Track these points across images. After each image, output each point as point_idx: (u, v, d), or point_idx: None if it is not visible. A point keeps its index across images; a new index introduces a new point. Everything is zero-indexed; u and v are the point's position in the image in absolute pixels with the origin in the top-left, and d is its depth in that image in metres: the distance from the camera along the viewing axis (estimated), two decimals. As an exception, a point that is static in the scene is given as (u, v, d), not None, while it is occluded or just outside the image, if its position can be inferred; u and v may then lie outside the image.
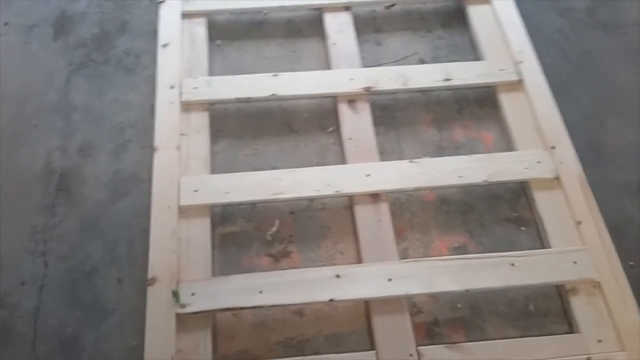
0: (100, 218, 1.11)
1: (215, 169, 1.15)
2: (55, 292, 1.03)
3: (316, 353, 0.96)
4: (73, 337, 0.98)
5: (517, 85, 1.24)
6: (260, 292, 0.97)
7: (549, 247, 1.04)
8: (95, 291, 1.03)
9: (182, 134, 1.16)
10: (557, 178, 1.10)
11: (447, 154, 1.18)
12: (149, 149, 1.15)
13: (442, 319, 1.00)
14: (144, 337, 0.93)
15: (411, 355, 0.93)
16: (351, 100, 1.22)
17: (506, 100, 1.22)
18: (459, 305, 1.01)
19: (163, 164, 1.12)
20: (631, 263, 1.06)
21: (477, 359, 0.93)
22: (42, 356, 0.97)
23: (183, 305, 0.96)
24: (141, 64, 1.32)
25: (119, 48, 1.35)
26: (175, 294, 0.96)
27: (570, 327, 0.99)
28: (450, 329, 0.99)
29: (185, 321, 0.95)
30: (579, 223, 1.05)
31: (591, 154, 1.20)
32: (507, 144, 1.20)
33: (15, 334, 0.99)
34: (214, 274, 1.02)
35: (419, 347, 0.94)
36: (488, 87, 1.27)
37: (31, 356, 0.97)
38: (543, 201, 1.09)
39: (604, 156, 1.21)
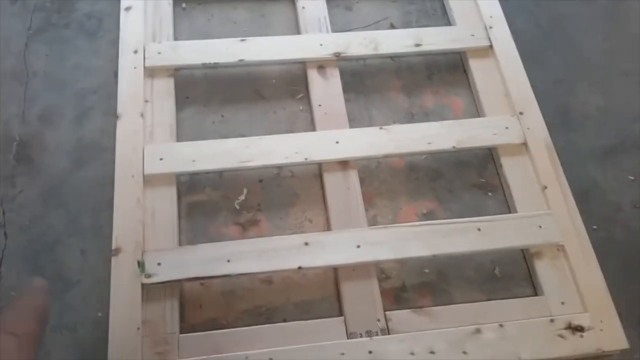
0: (62, 187, 1.08)
1: (181, 136, 1.12)
2: (17, 264, 1.00)
3: (285, 320, 0.96)
4: (37, 308, 0.96)
5: (487, 51, 1.23)
6: (228, 260, 0.96)
7: (515, 212, 1.05)
8: (58, 262, 1.01)
9: (146, 101, 1.12)
10: (525, 144, 1.11)
11: (417, 121, 1.17)
12: (113, 116, 1.12)
13: (409, 284, 1.01)
14: (109, 309, 0.92)
15: (379, 320, 0.94)
16: (321, 66, 1.20)
17: (476, 66, 1.22)
18: (427, 271, 1.02)
19: (126, 131, 1.09)
20: (595, 226, 1.08)
21: (443, 322, 0.94)
22: (4, 328, 0.95)
23: (149, 275, 0.94)
24: (103, 27, 1.27)
25: (80, 11, 1.29)
26: (141, 264, 0.95)
27: (534, 290, 1.01)
28: (418, 294, 1.00)
29: (151, 291, 0.94)
30: (544, 188, 1.06)
31: (558, 120, 1.20)
32: (476, 110, 1.19)
33: (-24, 307, 0.96)
34: (180, 244, 1.01)
35: (387, 312, 0.95)
36: (458, 52, 1.25)
37: (-7, 329, 0.95)
38: (510, 167, 1.10)
39: (570, 122, 1.22)
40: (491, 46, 1.23)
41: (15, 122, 1.14)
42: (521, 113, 1.14)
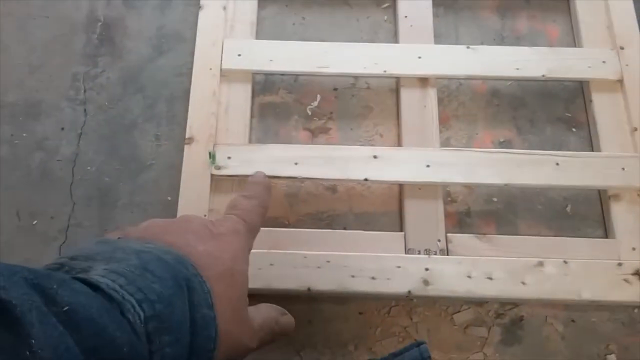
0: (141, 73, 1.09)
1: (260, 35, 1.11)
2: (94, 141, 1.04)
3: (345, 228, 0.97)
4: (109, 186, 1.01)
5: (594, -24, 1.13)
6: (296, 163, 0.96)
7: (599, 152, 0.99)
8: (132, 144, 1.04)
9: (229, -6, 1.10)
10: (621, 81, 1.03)
11: (507, 44, 1.10)
12: (195, 7, 1.11)
13: (475, 210, 0.99)
14: (178, 194, 0.95)
15: (439, 240, 0.93)
16: (411, -25, 1.13)
17: (580, -8, 1.12)
18: (495, 199, 1.00)
19: (207, 23, 1.08)
20: (683, 178, 1.01)
21: (505, 251, 0.92)
22: (78, 200, 1.00)
23: (218, 167, 0.96)
24: None
25: None
26: (212, 156, 0.96)
27: (606, 233, 0.97)
28: (483, 221, 0.98)
29: (219, 183, 0.96)
30: (634, 130, 0.99)
31: (662, 61, 1.11)
32: (573, 41, 1.11)
33: (54, 177, 1.01)
34: (250, 142, 1.02)
35: (448, 234, 0.94)
36: (562, -25, 1.16)
37: (68, 199, 1.00)
38: (601, 103, 1.03)
39: (676, 64, 1.12)
40: (600, -28, 1.12)
41: (101, 3, 1.15)
42: (622, 48, 1.05)
